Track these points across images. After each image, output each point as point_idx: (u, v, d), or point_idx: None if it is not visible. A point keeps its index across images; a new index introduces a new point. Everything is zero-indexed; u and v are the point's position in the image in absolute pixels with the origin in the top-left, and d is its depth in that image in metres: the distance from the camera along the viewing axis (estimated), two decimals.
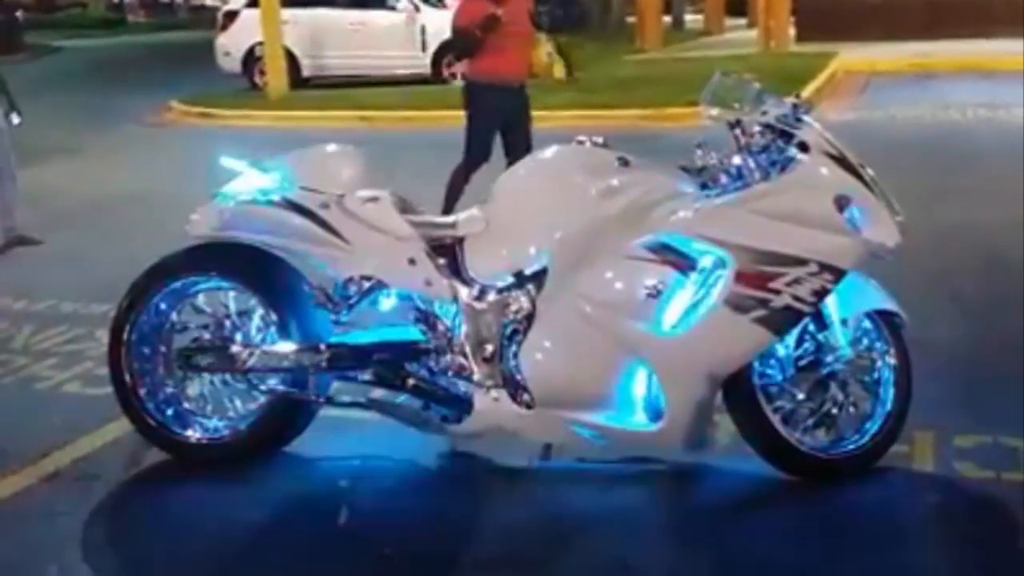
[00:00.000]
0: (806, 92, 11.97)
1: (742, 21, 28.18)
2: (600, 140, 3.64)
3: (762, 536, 3.26)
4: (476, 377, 3.53)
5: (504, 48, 6.46)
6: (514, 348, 3.48)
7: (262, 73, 15.80)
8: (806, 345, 3.51)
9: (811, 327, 3.48)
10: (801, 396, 3.51)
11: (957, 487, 3.49)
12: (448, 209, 6.14)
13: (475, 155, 6.76)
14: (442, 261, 3.57)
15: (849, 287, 3.42)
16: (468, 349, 3.54)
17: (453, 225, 3.64)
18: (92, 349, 4.91)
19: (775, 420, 3.45)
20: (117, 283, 3.91)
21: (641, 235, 3.37)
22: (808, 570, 3.09)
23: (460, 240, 3.60)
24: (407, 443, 3.75)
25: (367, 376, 3.62)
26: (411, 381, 3.57)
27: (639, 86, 14.10)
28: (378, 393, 3.67)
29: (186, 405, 3.83)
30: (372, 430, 3.82)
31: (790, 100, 3.53)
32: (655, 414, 3.41)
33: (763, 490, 3.52)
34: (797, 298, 3.28)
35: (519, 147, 6.63)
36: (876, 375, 3.58)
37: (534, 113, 7.04)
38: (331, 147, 3.88)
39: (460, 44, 6.57)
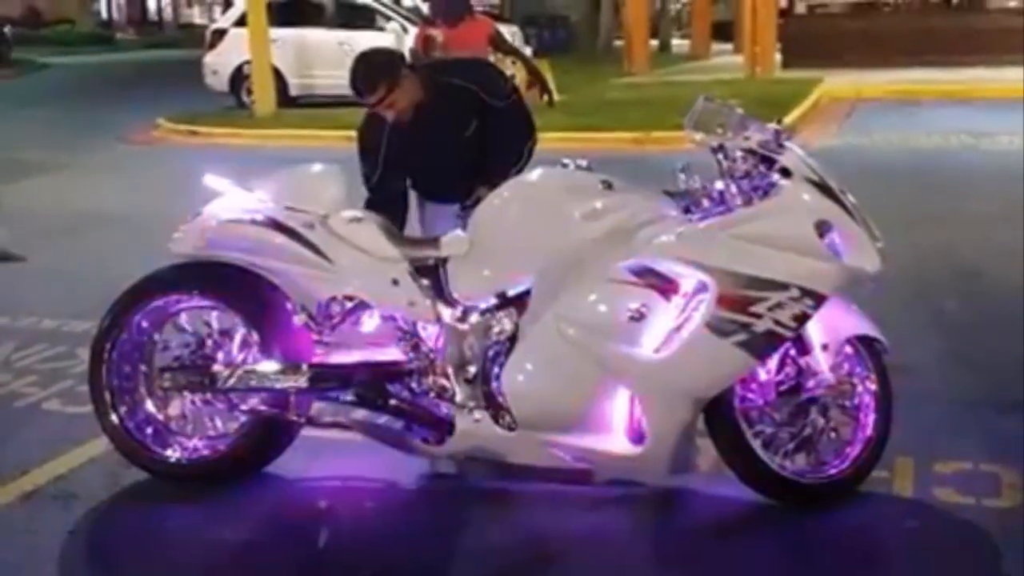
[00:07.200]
0: (791, 118, 12.03)
1: (728, 46, 28.34)
2: (584, 163, 3.65)
3: (742, 561, 3.26)
4: (458, 398, 3.53)
5: None
6: (496, 370, 3.48)
7: (249, 92, 15.79)
8: (787, 370, 3.52)
9: (792, 352, 3.49)
10: (782, 421, 3.52)
11: (937, 513, 3.50)
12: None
13: None
14: (425, 282, 3.57)
15: (830, 312, 3.43)
16: (450, 370, 3.55)
17: (436, 246, 3.65)
18: (73, 367, 4.89)
19: (756, 444, 3.46)
20: (99, 301, 3.90)
21: (624, 258, 3.38)
22: None
23: (443, 261, 3.61)
24: (388, 464, 3.74)
25: (348, 396, 3.60)
26: (393, 402, 3.56)
27: (626, 109, 14.15)
28: (359, 413, 3.65)
29: (166, 424, 3.81)
30: (353, 451, 3.81)
31: (772, 126, 3.56)
32: (637, 437, 3.42)
33: (744, 515, 3.52)
34: (778, 323, 3.29)
35: None
36: (857, 400, 3.58)
37: None
38: (316, 167, 3.89)
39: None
